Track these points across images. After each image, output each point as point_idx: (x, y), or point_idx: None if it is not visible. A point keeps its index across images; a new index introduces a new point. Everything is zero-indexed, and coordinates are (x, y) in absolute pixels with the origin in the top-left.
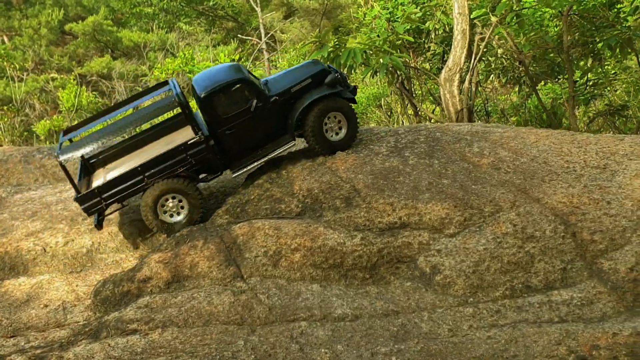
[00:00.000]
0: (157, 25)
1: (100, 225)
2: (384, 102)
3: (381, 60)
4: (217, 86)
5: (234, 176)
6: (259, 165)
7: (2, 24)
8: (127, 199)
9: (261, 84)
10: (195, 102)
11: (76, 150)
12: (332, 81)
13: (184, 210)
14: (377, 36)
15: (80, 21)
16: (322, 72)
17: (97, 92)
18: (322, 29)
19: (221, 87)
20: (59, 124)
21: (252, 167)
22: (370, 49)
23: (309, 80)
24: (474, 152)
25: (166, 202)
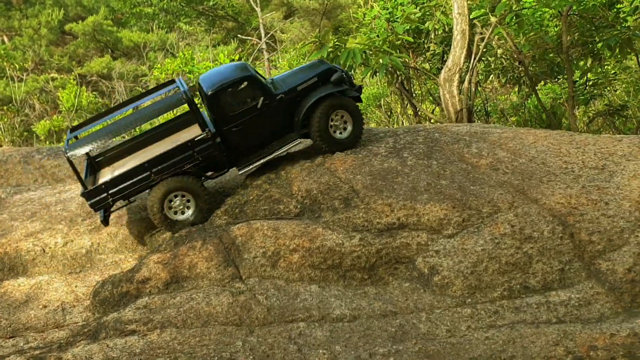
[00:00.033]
0: (157, 25)
1: (106, 221)
2: (383, 102)
3: (381, 60)
4: (225, 84)
5: (240, 173)
6: (265, 162)
7: (2, 24)
8: (134, 195)
9: (268, 82)
10: (201, 101)
11: (84, 146)
12: (338, 80)
13: (190, 207)
14: (376, 36)
15: (80, 21)
16: (328, 71)
17: (97, 92)
18: (322, 29)
19: (228, 85)
20: (59, 124)
21: (258, 164)
22: (369, 49)
23: (315, 78)
24: (472, 153)
25: (174, 198)
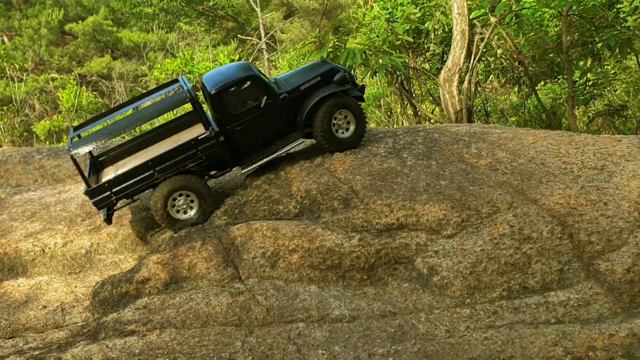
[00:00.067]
0: (157, 25)
1: (109, 219)
2: (383, 102)
3: (380, 60)
4: (228, 83)
5: (243, 172)
6: (268, 161)
7: (2, 24)
8: (137, 194)
9: (271, 82)
10: (204, 100)
11: (87, 144)
12: (341, 79)
13: (194, 207)
14: (376, 36)
15: (80, 21)
16: (331, 71)
17: (97, 92)
18: (322, 29)
19: (232, 84)
20: (59, 124)
21: (261, 163)
22: (369, 50)
23: (318, 78)
24: (471, 153)
25: (178, 197)
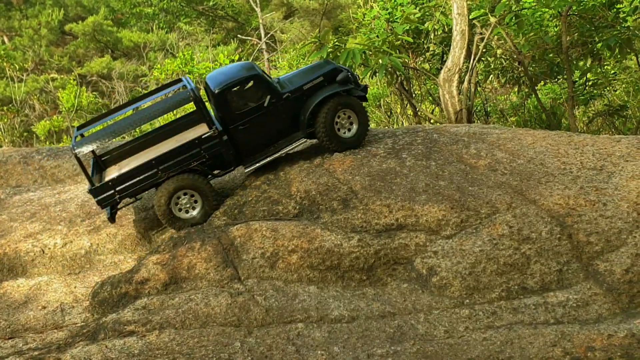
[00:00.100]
0: (157, 25)
1: (113, 218)
2: (383, 102)
3: (380, 60)
4: (231, 82)
5: (246, 171)
6: (270, 160)
7: (2, 24)
8: (141, 192)
9: (274, 81)
10: (207, 99)
11: (91, 143)
12: (344, 79)
13: (197, 206)
14: (376, 37)
15: (80, 21)
16: (334, 71)
17: (97, 92)
18: (322, 29)
19: (235, 84)
20: (59, 125)
21: (264, 162)
22: (369, 50)
23: (321, 78)
24: (471, 154)
25: (183, 196)
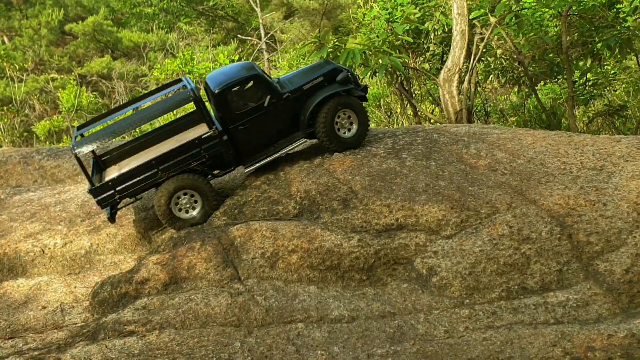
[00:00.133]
0: (157, 25)
1: (113, 218)
2: (383, 102)
3: (380, 60)
4: (231, 82)
5: (246, 171)
6: (270, 160)
7: (2, 24)
8: (141, 192)
9: (274, 81)
10: (207, 100)
11: (91, 143)
12: (344, 79)
13: (197, 206)
14: (376, 37)
15: (80, 21)
16: (334, 71)
17: (97, 92)
18: (322, 29)
19: (235, 83)
20: (59, 125)
21: (264, 162)
22: (369, 50)
23: (321, 78)
24: (470, 154)
25: (183, 196)
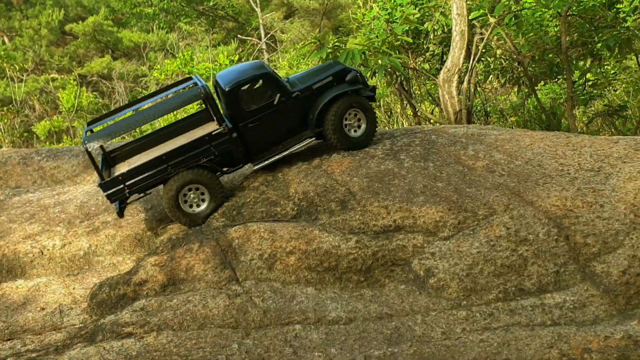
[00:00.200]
0: (157, 25)
1: (121, 213)
2: (383, 102)
3: (380, 61)
4: (242, 80)
5: (255, 169)
6: (280, 158)
7: (2, 24)
8: (150, 188)
9: (284, 81)
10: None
11: (101, 138)
12: (353, 79)
13: (205, 201)
14: (375, 37)
15: (80, 21)
16: (343, 71)
17: (98, 92)
18: (322, 29)
19: (245, 82)
20: (59, 125)
21: (272, 160)
22: (369, 50)
23: (330, 78)
24: (468, 155)
25: (188, 192)
